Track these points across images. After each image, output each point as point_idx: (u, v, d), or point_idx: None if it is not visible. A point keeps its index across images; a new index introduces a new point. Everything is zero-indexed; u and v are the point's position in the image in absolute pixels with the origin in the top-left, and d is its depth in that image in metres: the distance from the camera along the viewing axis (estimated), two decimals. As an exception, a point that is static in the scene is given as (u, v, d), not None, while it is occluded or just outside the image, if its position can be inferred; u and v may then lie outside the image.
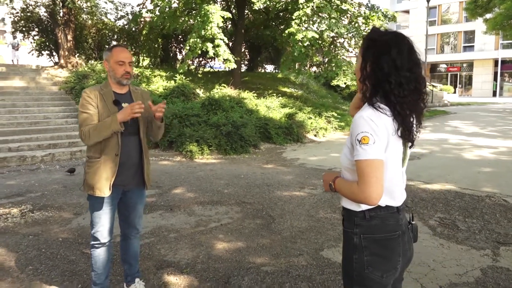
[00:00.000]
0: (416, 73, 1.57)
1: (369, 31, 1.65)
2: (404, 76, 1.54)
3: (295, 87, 18.68)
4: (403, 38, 1.59)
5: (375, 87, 1.57)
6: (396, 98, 1.53)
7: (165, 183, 6.45)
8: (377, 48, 1.56)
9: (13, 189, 6.11)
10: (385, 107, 1.54)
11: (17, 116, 9.92)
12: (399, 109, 1.53)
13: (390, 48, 1.55)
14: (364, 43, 1.63)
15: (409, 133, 1.57)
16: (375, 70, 1.55)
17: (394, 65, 1.53)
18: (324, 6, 12.23)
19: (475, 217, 4.82)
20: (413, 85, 1.56)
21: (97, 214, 2.71)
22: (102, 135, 2.56)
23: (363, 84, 1.61)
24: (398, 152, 1.58)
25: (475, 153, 9.10)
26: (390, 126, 1.52)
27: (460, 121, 16.00)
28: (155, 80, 13.09)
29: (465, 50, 42.09)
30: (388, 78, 1.53)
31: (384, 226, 1.58)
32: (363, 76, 1.60)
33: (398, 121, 1.53)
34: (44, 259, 3.64)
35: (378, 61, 1.55)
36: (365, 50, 1.60)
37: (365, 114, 1.51)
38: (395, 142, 1.55)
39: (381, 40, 1.58)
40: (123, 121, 2.56)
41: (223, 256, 3.74)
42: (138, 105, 2.54)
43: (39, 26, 14.97)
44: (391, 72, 1.53)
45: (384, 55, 1.54)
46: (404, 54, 1.55)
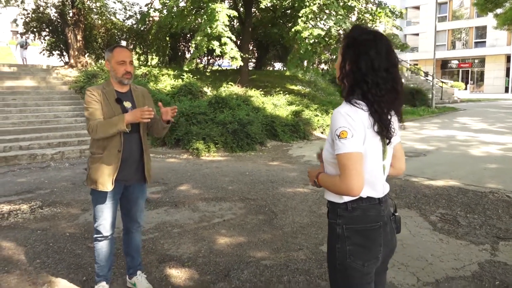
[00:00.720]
0: (393, 73, 1.63)
1: (350, 30, 1.71)
2: (381, 77, 1.60)
3: (303, 84, 18.68)
4: (382, 38, 1.64)
5: (353, 86, 1.63)
6: (373, 97, 1.59)
7: (171, 180, 6.56)
8: (356, 47, 1.62)
9: (24, 186, 6.27)
10: (361, 102, 1.60)
11: (28, 115, 10.13)
12: (376, 108, 1.59)
13: (369, 48, 1.60)
14: (344, 41, 1.68)
15: (387, 130, 1.62)
16: (354, 69, 1.62)
17: (371, 65, 1.59)
18: (331, 3, 12.22)
19: (477, 212, 4.83)
20: (390, 85, 1.62)
21: (100, 208, 2.81)
22: (108, 132, 2.66)
23: (341, 82, 1.67)
24: (376, 146, 1.64)
25: (482, 149, 9.06)
26: (366, 121, 1.58)
27: (469, 117, 15.89)
28: (163, 78, 13.22)
29: (477, 46, 41.58)
30: (365, 78, 1.59)
31: (365, 217, 1.65)
32: (342, 75, 1.66)
33: (375, 119, 1.59)
34: (51, 253, 3.77)
35: (356, 61, 1.61)
36: (345, 49, 1.66)
37: (342, 110, 1.58)
38: (372, 135, 1.61)
39: (361, 40, 1.63)
40: (131, 122, 2.66)
41: (225, 250, 3.83)
42: (148, 112, 2.62)
43: (49, 27, 15.23)
44: (369, 72, 1.59)
45: (362, 55, 1.60)
46: (382, 55, 1.61)
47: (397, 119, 1.73)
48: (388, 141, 1.66)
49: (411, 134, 11.53)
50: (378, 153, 1.65)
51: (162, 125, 2.87)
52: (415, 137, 10.87)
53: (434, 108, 19.35)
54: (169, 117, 2.80)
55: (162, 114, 2.81)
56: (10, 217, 4.83)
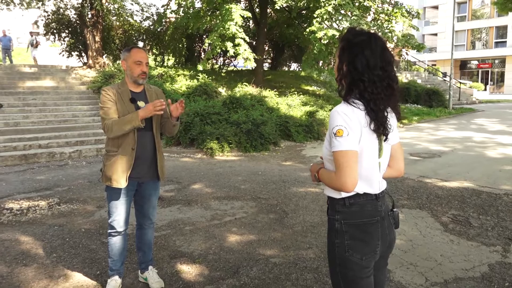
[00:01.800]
0: (389, 71, 1.68)
1: (345, 32, 1.77)
2: (377, 75, 1.65)
3: (318, 85, 18.67)
4: (376, 38, 1.70)
5: (350, 86, 1.69)
6: (370, 95, 1.64)
7: (184, 179, 6.66)
8: (352, 48, 1.68)
9: (42, 184, 6.45)
10: (358, 101, 1.66)
11: (47, 115, 10.39)
12: (372, 106, 1.64)
13: (364, 48, 1.66)
14: (340, 44, 1.74)
15: (383, 127, 1.67)
16: (350, 69, 1.67)
17: (367, 64, 1.65)
18: (346, 4, 12.20)
19: (489, 214, 4.79)
20: (386, 83, 1.67)
21: (114, 204, 2.91)
22: (123, 129, 2.74)
23: (339, 83, 1.73)
24: (373, 144, 1.68)
25: (498, 151, 8.93)
26: (362, 119, 1.63)
27: (487, 119, 15.63)
28: (179, 79, 13.38)
29: (497, 46, 40.79)
30: (362, 77, 1.65)
31: (363, 212, 1.70)
32: (340, 76, 1.72)
33: (371, 117, 1.64)
34: (67, 248, 3.89)
35: (353, 61, 1.67)
36: (341, 51, 1.72)
37: (339, 109, 1.64)
38: (369, 134, 1.65)
39: (356, 41, 1.69)
40: (144, 117, 2.74)
41: (235, 248, 3.90)
42: (160, 103, 2.69)
43: (69, 28, 15.56)
44: (365, 71, 1.64)
45: (358, 55, 1.66)
46: (377, 54, 1.66)
47: (395, 116, 1.77)
48: (385, 138, 1.71)
49: (426, 135, 11.42)
50: (375, 151, 1.69)
51: (172, 123, 2.95)
52: (430, 138, 10.76)
53: (451, 109, 19.09)
54: (179, 112, 2.86)
55: (172, 111, 2.88)
56: (29, 213, 4.99)
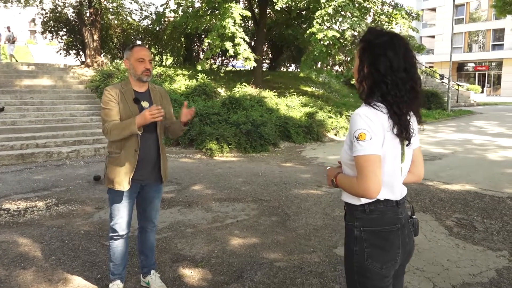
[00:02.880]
0: (412, 73, 1.62)
1: (365, 32, 1.70)
2: (400, 77, 1.59)
3: (317, 86, 18.62)
4: (399, 39, 1.64)
5: (372, 88, 1.62)
6: (393, 98, 1.58)
7: (184, 180, 6.59)
8: (374, 49, 1.62)
9: (40, 184, 6.36)
10: (381, 104, 1.60)
11: (44, 114, 10.28)
12: (395, 109, 1.58)
13: (386, 49, 1.60)
14: (361, 44, 1.67)
15: (406, 131, 1.61)
16: (372, 71, 1.61)
17: (390, 66, 1.58)
18: (346, 5, 12.15)
19: (494, 218, 4.75)
20: (409, 85, 1.62)
21: (116, 207, 2.83)
22: (122, 134, 2.67)
23: (360, 85, 1.66)
24: (395, 148, 1.62)
25: (499, 154, 8.91)
26: (385, 123, 1.57)
27: (486, 121, 15.64)
28: (178, 79, 13.30)
29: (494, 48, 40.91)
30: (384, 79, 1.58)
31: (383, 219, 1.64)
32: (360, 77, 1.65)
33: (394, 120, 1.58)
34: (67, 250, 3.81)
35: (374, 62, 1.60)
36: (362, 52, 1.65)
37: (361, 112, 1.57)
38: (392, 138, 1.59)
39: (377, 42, 1.62)
40: (142, 125, 2.63)
41: (238, 251, 3.83)
42: (157, 110, 2.58)
43: (67, 26, 15.44)
44: (388, 73, 1.58)
45: (380, 56, 1.60)
46: (400, 55, 1.60)
47: (416, 120, 1.71)
48: (407, 143, 1.65)
49: (426, 137, 11.39)
50: (397, 155, 1.63)
51: (180, 127, 2.87)
52: (430, 140, 10.74)
53: (449, 111, 19.10)
54: (187, 118, 2.80)
55: (182, 115, 2.80)
56: (26, 213, 4.90)
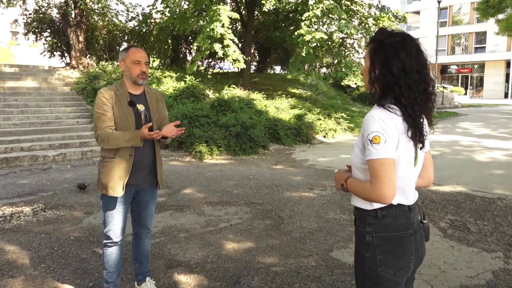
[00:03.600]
0: (425, 74, 1.59)
1: (375, 33, 1.66)
2: (413, 79, 1.55)
3: (304, 88, 18.67)
4: (411, 39, 1.60)
5: (384, 89, 1.58)
6: (406, 101, 1.54)
7: (175, 183, 6.49)
8: (385, 51, 1.58)
9: (26, 188, 6.19)
10: (395, 106, 1.56)
11: (29, 116, 10.04)
12: (410, 112, 1.54)
13: (399, 51, 1.56)
14: (371, 45, 1.63)
15: (420, 134, 1.57)
16: (384, 73, 1.57)
17: (403, 68, 1.55)
18: (334, 8, 12.21)
19: (486, 219, 4.78)
20: (422, 87, 1.58)
21: (110, 213, 2.74)
22: (120, 146, 2.61)
23: (371, 86, 1.62)
24: (409, 151, 1.59)
25: (486, 155, 9.02)
26: (400, 126, 1.53)
27: (471, 122, 15.87)
28: (165, 81, 13.16)
29: (477, 51, 41.67)
30: (397, 81, 1.55)
31: (396, 225, 1.60)
32: (372, 79, 1.61)
33: (409, 123, 1.54)
34: (56, 257, 3.69)
35: (387, 64, 1.56)
36: (373, 53, 1.61)
37: (375, 114, 1.53)
38: (406, 141, 1.56)
39: (389, 43, 1.58)
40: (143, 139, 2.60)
41: (233, 256, 3.76)
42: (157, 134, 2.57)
43: (51, 28, 15.15)
44: (401, 75, 1.54)
45: (392, 58, 1.56)
46: (412, 56, 1.57)
47: (427, 123, 1.68)
48: (421, 146, 1.61)
49: (414, 138, 11.47)
50: (411, 159, 1.60)
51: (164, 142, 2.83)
52: (418, 142, 10.80)
53: (435, 113, 19.32)
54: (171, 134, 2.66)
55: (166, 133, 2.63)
56: (12, 219, 4.76)
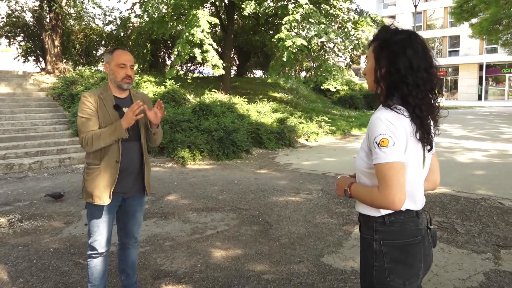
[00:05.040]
0: (432, 73, 1.53)
1: (379, 30, 1.60)
2: (421, 77, 1.49)
3: (285, 92, 18.68)
4: (417, 37, 1.54)
5: (390, 89, 1.52)
6: (414, 101, 1.48)
7: (157, 190, 6.32)
8: (392, 48, 1.51)
9: (0, 198, 5.92)
10: (402, 107, 1.49)
11: (3, 123, 9.67)
12: (418, 112, 1.48)
13: (406, 48, 1.50)
14: (376, 42, 1.57)
15: (428, 135, 1.51)
16: (391, 71, 1.50)
17: (410, 66, 1.48)
18: (313, 12, 12.24)
19: (472, 220, 4.80)
20: (429, 86, 1.52)
21: (96, 223, 2.60)
22: (106, 141, 2.48)
23: (377, 86, 1.55)
24: (418, 154, 1.53)
25: (467, 156, 9.15)
26: (408, 127, 1.47)
27: (449, 124, 16.13)
28: (145, 85, 12.94)
29: (451, 54, 42.66)
30: (405, 80, 1.48)
31: (404, 231, 1.52)
32: (377, 78, 1.54)
33: (417, 124, 1.48)
34: (36, 271, 3.50)
35: (394, 62, 1.50)
36: (378, 51, 1.54)
37: (382, 116, 1.46)
38: (414, 143, 1.49)
39: (395, 40, 1.52)
40: (128, 126, 2.48)
41: (222, 264, 3.65)
42: (137, 105, 2.43)
43: (25, 32, 14.72)
44: (408, 73, 1.48)
45: (399, 55, 1.49)
46: (420, 54, 1.51)
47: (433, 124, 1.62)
48: (429, 148, 1.55)
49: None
50: (419, 162, 1.53)
51: (152, 131, 2.68)
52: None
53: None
54: (159, 116, 2.59)
55: (150, 118, 2.60)
56: (-13, 231, 4.52)
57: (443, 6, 41.36)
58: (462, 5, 20.82)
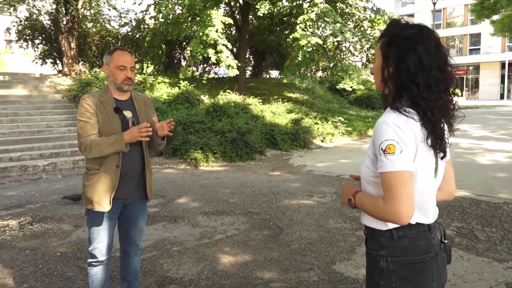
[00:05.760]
0: (446, 72, 1.38)
1: (387, 25, 1.45)
2: (433, 77, 1.34)
3: (301, 92, 18.49)
4: (429, 31, 1.39)
5: (399, 89, 1.37)
6: (425, 102, 1.33)
7: (168, 192, 6.26)
8: (401, 44, 1.37)
9: (13, 200, 5.94)
10: (412, 110, 1.34)
11: (19, 125, 9.79)
12: (429, 115, 1.33)
13: (416, 44, 1.35)
14: (383, 39, 1.43)
15: (441, 141, 1.36)
16: (400, 70, 1.36)
17: (421, 63, 1.34)
18: (329, 11, 12.05)
19: (494, 226, 4.57)
20: (443, 86, 1.37)
21: (96, 230, 2.52)
22: (104, 152, 2.40)
23: (384, 86, 1.41)
24: (429, 162, 1.38)
25: (488, 157, 8.84)
26: (418, 132, 1.32)
27: (469, 124, 15.71)
28: (159, 86, 12.95)
29: (471, 53, 41.71)
30: (415, 79, 1.33)
31: (415, 247, 1.38)
32: (385, 77, 1.40)
33: (428, 129, 1.33)
34: (40, 276, 3.45)
35: (402, 59, 1.35)
36: (386, 48, 1.40)
37: (389, 120, 1.31)
38: (425, 150, 1.35)
39: (405, 35, 1.38)
40: (130, 142, 2.40)
41: (229, 271, 3.54)
42: (146, 128, 2.37)
43: (42, 34, 14.92)
44: (418, 72, 1.33)
45: (409, 52, 1.35)
46: (432, 51, 1.36)
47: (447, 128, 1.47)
48: (442, 155, 1.40)
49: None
50: (431, 170, 1.38)
51: (157, 141, 2.60)
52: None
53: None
54: (165, 131, 2.52)
55: (158, 130, 2.53)
56: (-3, 234, 4.51)
57: (463, 3, 40.48)
58: (483, 2, 20.29)
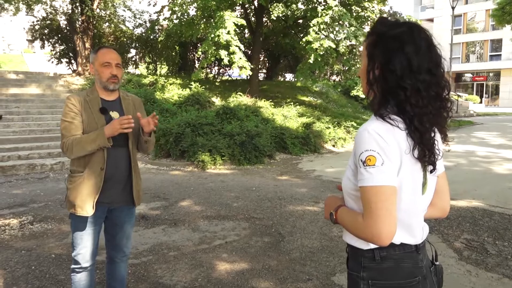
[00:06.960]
0: (437, 75, 1.23)
1: (375, 23, 1.31)
2: (423, 80, 1.20)
3: (314, 96, 18.30)
4: (420, 30, 1.25)
5: (385, 94, 1.23)
6: (413, 109, 1.19)
7: (172, 195, 6.18)
8: (387, 44, 1.22)
9: (17, 199, 5.93)
10: (397, 117, 1.20)
11: (30, 124, 9.86)
12: (416, 124, 1.18)
13: (404, 43, 1.20)
14: (370, 38, 1.28)
15: (430, 153, 1.21)
16: (386, 72, 1.21)
17: (409, 65, 1.19)
18: (344, 14, 11.87)
19: (506, 239, 4.35)
20: (434, 91, 1.22)
21: (79, 235, 2.43)
22: (86, 149, 2.30)
23: (370, 90, 1.27)
24: (415, 176, 1.23)
25: (505, 166, 8.52)
26: (403, 143, 1.18)
27: (488, 132, 15.30)
28: (170, 88, 12.94)
29: (492, 59, 40.85)
30: (402, 83, 1.19)
31: (399, 270, 1.24)
32: (370, 80, 1.26)
33: (415, 139, 1.19)
34: (32, 279, 3.38)
35: (389, 61, 1.21)
36: (372, 47, 1.26)
37: (370, 128, 1.17)
38: (411, 163, 1.20)
39: (392, 34, 1.23)
40: (111, 136, 2.29)
41: (224, 279, 3.41)
42: (127, 119, 2.26)
43: (58, 34, 15.10)
44: (406, 75, 1.19)
45: (396, 53, 1.20)
46: (422, 52, 1.21)
47: (441, 138, 1.32)
48: (431, 169, 1.25)
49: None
50: (417, 186, 1.23)
51: (144, 138, 2.48)
52: (431, 152, 10.33)
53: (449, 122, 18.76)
54: (151, 127, 2.41)
55: (143, 125, 2.42)
56: (-4, 233, 4.48)
57: (484, 8, 39.65)
58: (504, 7, 19.79)
